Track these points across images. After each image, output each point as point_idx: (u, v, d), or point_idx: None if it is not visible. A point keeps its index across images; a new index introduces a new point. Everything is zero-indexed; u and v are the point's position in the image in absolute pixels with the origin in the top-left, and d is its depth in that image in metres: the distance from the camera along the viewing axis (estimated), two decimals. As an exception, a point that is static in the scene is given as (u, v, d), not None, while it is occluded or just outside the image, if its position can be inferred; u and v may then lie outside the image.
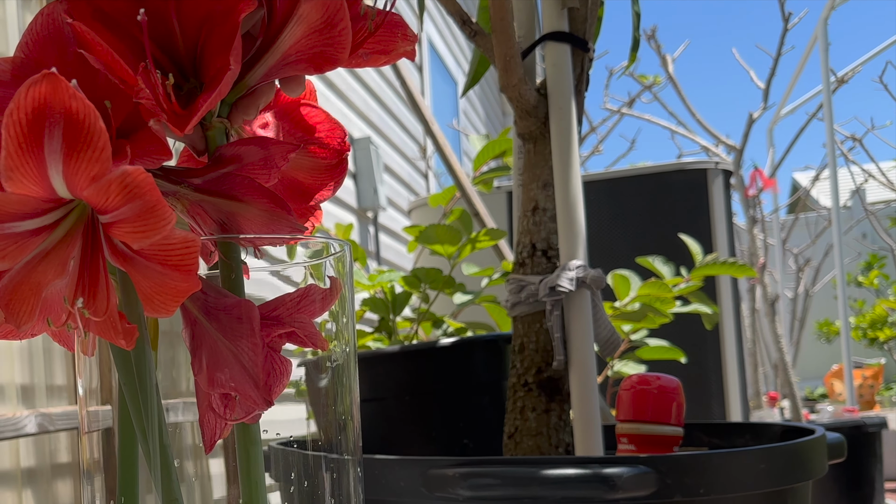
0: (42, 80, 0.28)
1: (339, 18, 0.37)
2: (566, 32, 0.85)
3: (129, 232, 0.30)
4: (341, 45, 0.37)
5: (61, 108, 0.29)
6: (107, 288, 0.33)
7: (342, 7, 0.36)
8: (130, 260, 0.32)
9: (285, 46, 0.38)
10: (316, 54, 0.38)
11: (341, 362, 0.41)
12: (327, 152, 0.42)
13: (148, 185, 0.29)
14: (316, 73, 0.38)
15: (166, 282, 0.31)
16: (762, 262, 4.23)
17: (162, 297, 0.32)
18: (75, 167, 0.29)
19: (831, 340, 7.62)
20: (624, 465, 0.61)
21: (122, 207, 0.29)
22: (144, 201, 0.29)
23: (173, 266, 0.31)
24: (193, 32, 0.36)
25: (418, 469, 0.65)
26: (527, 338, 0.85)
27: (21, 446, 1.30)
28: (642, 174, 2.19)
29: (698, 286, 1.27)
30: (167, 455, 0.35)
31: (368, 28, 0.39)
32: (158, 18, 0.36)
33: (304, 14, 0.37)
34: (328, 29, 0.37)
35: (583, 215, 0.84)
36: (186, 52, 0.37)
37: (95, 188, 0.29)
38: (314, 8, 0.36)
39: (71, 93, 0.29)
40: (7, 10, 1.34)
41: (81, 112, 0.29)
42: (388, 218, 3.67)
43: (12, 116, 0.29)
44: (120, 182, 0.29)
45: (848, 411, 3.10)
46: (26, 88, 0.28)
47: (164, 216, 0.29)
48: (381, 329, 1.25)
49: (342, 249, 0.40)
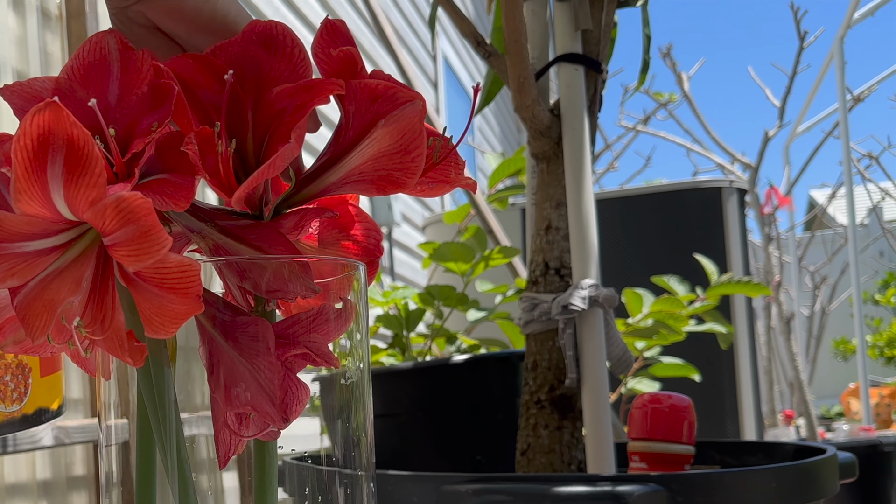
0: (45, 108, 0.30)
1: (416, 146, 0.37)
2: (580, 54, 0.86)
3: (124, 255, 0.31)
4: (412, 172, 0.37)
5: (63, 136, 0.30)
6: (112, 307, 0.34)
7: (420, 135, 0.36)
8: (133, 282, 0.33)
9: (351, 165, 0.38)
10: (382, 177, 0.38)
11: (355, 379, 0.41)
12: (359, 250, 0.43)
13: (143, 211, 0.30)
14: (378, 194, 0.38)
15: (164, 304, 0.32)
16: (777, 279, 4.22)
17: (161, 319, 0.33)
18: (75, 191, 0.31)
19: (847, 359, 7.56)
20: (635, 483, 0.61)
21: (118, 231, 0.30)
22: (139, 226, 0.30)
23: (170, 289, 0.32)
24: (264, 127, 0.37)
25: (432, 485, 0.65)
26: (539, 355, 0.86)
27: (37, 459, 1.31)
28: (657, 192, 2.19)
29: (713, 305, 1.28)
30: (185, 469, 0.36)
31: (434, 158, 0.39)
32: (234, 106, 0.37)
33: (379, 137, 0.37)
34: (401, 154, 0.37)
35: (595, 235, 0.84)
36: (254, 148, 0.37)
37: (93, 212, 0.31)
38: (391, 133, 0.36)
39: (72, 121, 0.30)
40: (28, 29, 1.36)
41: (81, 140, 0.30)
42: (402, 234, 3.68)
43: (19, 142, 0.30)
44: (115, 207, 0.30)
45: (864, 430, 3.08)
46: (31, 116, 0.30)
47: (159, 241, 0.30)
48: (394, 345, 1.26)
49: (356, 269, 0.41)
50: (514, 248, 1.25)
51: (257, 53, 0.37)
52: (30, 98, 0.36)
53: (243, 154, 0.37)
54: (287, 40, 0.37)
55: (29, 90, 0.36)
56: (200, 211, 0.38)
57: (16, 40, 1.34)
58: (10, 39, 1.33)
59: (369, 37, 3.07)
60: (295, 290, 0.37)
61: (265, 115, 0.37)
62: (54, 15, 1.43)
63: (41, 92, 0.36)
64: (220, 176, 0.35)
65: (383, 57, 3.07)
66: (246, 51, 0.37)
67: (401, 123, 0.36)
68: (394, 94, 0.36)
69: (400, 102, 0.36)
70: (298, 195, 0.39)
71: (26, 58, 1.35)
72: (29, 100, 0.36)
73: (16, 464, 1.27)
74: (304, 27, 2.52)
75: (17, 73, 1.34)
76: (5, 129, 0.35)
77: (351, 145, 0.38)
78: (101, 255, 0.34)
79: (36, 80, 0.36)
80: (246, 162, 0.37)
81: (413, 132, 0.36)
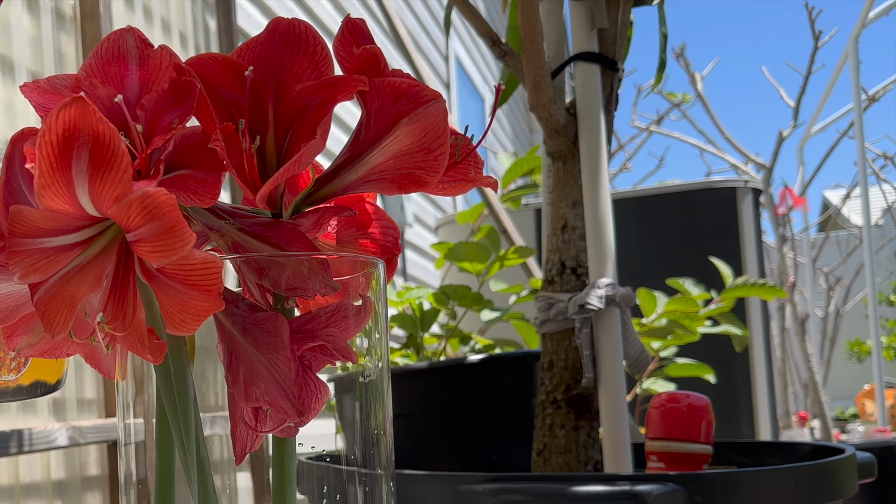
0: (71, 103, 0.30)
1: (439, 144, 0.36)
2: (596, 53, 0.86)
3: (148, 251, 0.31)
4: (434, 171, 0.37)
5: (89, 132, 0.30)
6: (133, 304, 0.34)
7: (444, 133, 0.36)
8: (155, 278, 0.33)
9: (373, 163, 0.38)
10: (404, 175, 0.37)
11: (374, 377, 0.41)
12: (377, 248, 0.43)
13: (167, 207, 0.30)
14: (399, 192, 0.38)
15: (187, 301, 0.32)
16: (792, 280, 4.20)
17: (183, 316, 0.33)
18: (100, 187, 0.31)
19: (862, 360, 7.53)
20: (654, 483, 0.61)
21: (143, 227, 0.30)
22: (163, 222, 0.30)
23: (193, 286, 0.31)
24: (286, 125, 0.37)
25: (448, 485, 0.65)
26: (556, 355, 0.86)
27: (52, 459, 1.31)
28: (671, 192, 2.18)
29: (728, 307, 1.27)
30: (205, 467, 0.36)
31: (456, 157, 0.38)
32: (255, 105, 0.37)
33: (402, 135, 0.36)
34: (424, 153, 0.37)
35: (612, 233, 0.84)
36: (275, 146, 0.37)
37: (118, 207, 0.30)
38: (413, 131, 0.36)
39: (98, 117, 0.30)
40: (43, 30, 1.37)
41: (107, 135, 0.30)
42: (414, 234, 3.68)
43: (44, 137, 0.30)
44: (140, 203, 0.30)
45: (880, 431, 3.06)
46: (57, 112, 0.30)
47: (183, 237, 0.30)
48: (408, 345, 1.26)
49: (375, 266, 0.41)
50: (529, 248, 1.25)
51: (280, 52, 0.37)
52: (50, 95, 0.36)
53: (262, 153, 0.37)
54: (310, 38, 0.37)
55: (49, 87, 0.36)
56: (219, 209, 0.38)
57: (30, 41, 1.34)
58: (25, 40, 1.33)
59: (381, 38, 3.07)
60: (314, 287, 0.37)
61: (287, 114, 0.37)
62: (69, 16, 1.43)
63: (61, 89, 0.36)
64: (245, 172, 0.35)
65: (395, 58, 3.07)
66: (269, 49, 0.37)
67: (424, 122, 0.36)
68: (417, 92, 0.36)
69: (423, 101, 0.36)
70: (318, 193, 0.39)
71: (41, 58, 1.36)
72: (49, 97, 0.36)
73: (31, 464, 1.28)
74: (319, 29, 2.52)
75: (32, 73, 1.34)
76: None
77: (372, 143, 0.37)
78: (123, 252, 0.34)
79: (56, 78, 0.36)
80: (265, 161, 0.37)
81: (437, 130, 0.36)
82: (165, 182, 0.35)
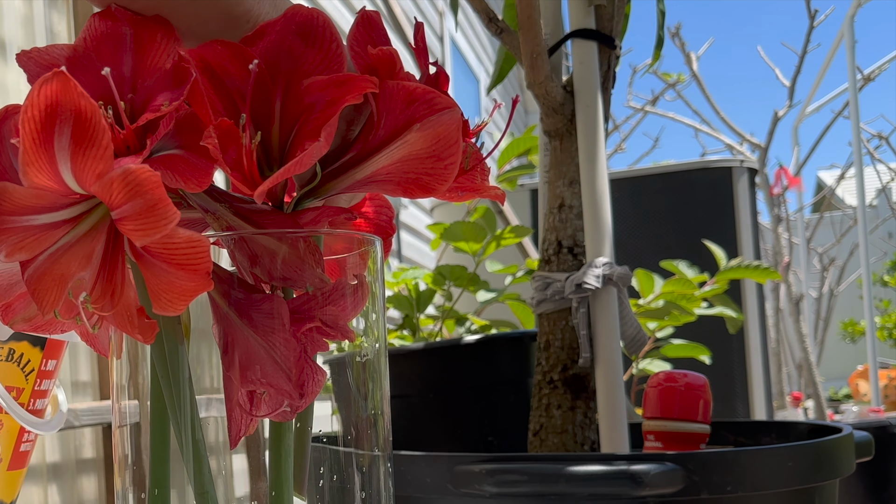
0: (53, 78, 0.29)
1: (450, 153, 0.35)
2: (593, 30, 0.85)
3: (132, 229, 0.30)
4: (443, 179, 0.36)
5: (71, 107, 0.29)
6: (122, 283, 0.33)
7: (457, 143, 0.35)
8: (141, 257, 0.32)
9: (380, 164, 0.37)
10: (411, 180, 0.37)
11: (371, 357, 0.41)
12: (371, 228, 0.42)
13: (150, 184, 0.29)
14: (404, 196, 0.37)
15: (172, 280, 0.31)
16: (787, 261, 4.20)
17: (169, 296, 0.32)
18: (82, 163, 0.30)
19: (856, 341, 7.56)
20: (651, 462, 0.60)
21: (125, 204, 0.30)
22: (146, 199, 0.29)
23: (178, 265, 0.31)
24: (292, 120, 0.36)
25: (445, 465, 0.65)
26: (552, 335, 0.85)
27: (47, 441, 1.31)
28: (667, 172, 2.18)
29: (723, 289, 1.27)
30: (200, 448, 0.35)
31: (465, 165, 0.37)
32: (262, 96, 0.36)
33: (412, 140, 0.36)
34: (434, 160, 0.36)
35: (609, 212, 0.83)
36: (279, 140, 0.36)
37: (100, 184, 0.30)
38: (425, 137, 0.35)
39: (79, 92, 0.29)
40: (34, 8, 1.35)
41: (89, 111, 0.29)
42: (409, 216, 3.67)
43: (27, 113, 0.29)
44: (122, 179, 0.29)
45: (874, 411, 3.07)
46: (38, 86, 0.29)
47: (166, 215, 0.29)
48: (404, 326, 1.26)
49: (372, 244, 0.40)
50: (526, 227, 1.24)
51: (294, 43, 0.36)
52: (46, 66, 0.35)
53: (267, 145, 0.36)
54: (326, 33, 0.36)
55: (46, 57, 0.35)
56: (216, 192, 0.37)
57: (22, 20, 1.33)
58: (17, 19, 1.32)
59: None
60: (307, 278, 0.37)
61: (294, 108, 0.36)
62: (60, -5, 1.42)
63: (58, 59, 0.35)
64: (243, 169, 0.34)
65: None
66: (283, 40, 0.36)
67: (437, 129, 0.35)
68: (431, 98, 0.35)
69: (437, 108, 0.35)
70: (322, 189, 0.38)
71: (32, 37, 1.34)
72: (45, 67, 0.35)
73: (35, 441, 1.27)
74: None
75: (24, 53, 1.33)
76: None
77: (381, 145, 0.37)
78: (112, 230, 0.34)
79: (53, 47, 0.36)
80: (270, 154, 0.37)
81: (449, 140, 0.35)
82: (154, 161, 0.34)
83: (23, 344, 0.63)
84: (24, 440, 0.65)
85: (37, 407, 0.66)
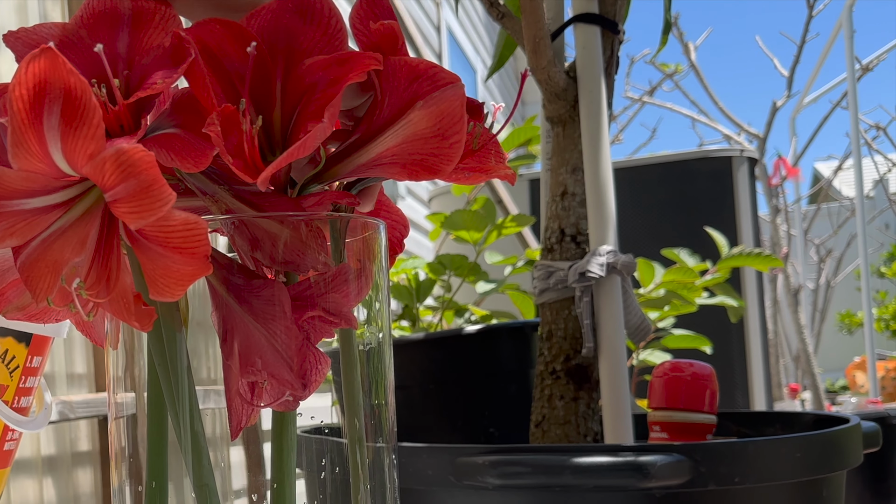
0: (41, 55, 0.28)
1: (455, 131, 0.34)
2: (596, 14, 0.84)
3: (126, 211, 0.29)
4: (448, 158, 0.35)
5: (60, 85, 0.28)
6: (117, 268, 0.32)
7: (461, 120, 0.34)
8: (136, 241, 0.31)
9: (384, 146, 0.36)
10: (416, 161, 0.35)
11: (375, 346, 0.39)
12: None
13: (144, 164, 0.28)
14: (409, 179, 0.36)
15: (168, 265, 0.30)
16: (786, 251, 4.20)
17: (165, 280, 0.31)
18: (73, 144, 0.29)
19: (853, 332, 7.56)
20: (658, 453, 0.59)
21: (118, 186, 0.29)
22: (140, 180, 0.28)
23: (175, 248, 0.30)
24: (293, 101, 0.35)
25: (447, 457, 0.63)
26: (555, 325, 0.84)
27: (42, 434, 1.30)
28: (666, 162, 2.16)
29: (724, 278, 1.26)
30: (199, 440, 0.34)
31: (473, 145, 0.36)
32: (262, 77, 0.35)
33: (416, 119, 0.34)
34: (438, 139, 0.35)
35: (613, 200, 0.82)
36: (281, 123, 0.35)
37: (92, 165, 0.29)
38: (429, 115, 0.34)
39: (68, 69, 0.28)
40: (28, -4, 1.34)
41: (79, 89, 0.28)
42: (406, 207, 3.66)
43: (15, 92, 0.28)
44: (115, 160, 0.28)
45: (872, 403, 3.07)
46: (26, 64, 0.28)
47: (161, 197, 0.28)
48: (404, 317, 1.24)
49: (376, 229, 0.39)
50: (527, 216, 1.23)
51: (292, 21, 0.35)
52: (34, 45, 0.34)
53: (269, 129, 0.35)
54: (325, 9, 0.35)
55: (34, 37, 0.34)
56: (215, 173, 0.36)
57: (15, 6, 1.32)
58: (10, 5, 1.30)
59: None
60: (310, 262, 0.35)
61: (295, 89, 0.34)
62: (54, -18, 1.40)
63: (47, 39, 0.34)
64: (244, 156, 0.33)
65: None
66: (280, 18, 0.35)
67: (440, 106, 0.34)
68: (434, 74, 0.34)
69: (440, 84, 0.34)
70: (327, 173, 0.37)
71: (26, 24, 1.33)
72: (33, 47, 0.34)
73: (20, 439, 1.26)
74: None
75: (17, 41, 1.31)
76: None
77: (385, 125, 0.35)
78: (107, 214, 0.33)
79: (41, 26, 0.34)
80: (272, 137, 0.35)
81: (453, 116, 0.34)
82: (149, 140, 0.33)
83: (7, 340, 0.61)
84: (7, 438, 0.63)
85: (21, 405, 0.64)
